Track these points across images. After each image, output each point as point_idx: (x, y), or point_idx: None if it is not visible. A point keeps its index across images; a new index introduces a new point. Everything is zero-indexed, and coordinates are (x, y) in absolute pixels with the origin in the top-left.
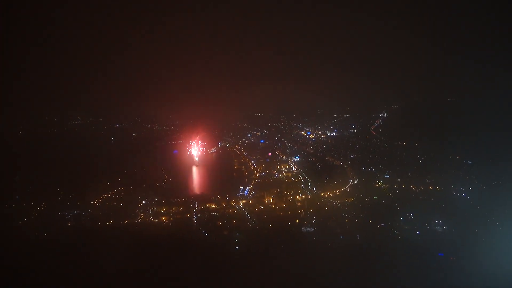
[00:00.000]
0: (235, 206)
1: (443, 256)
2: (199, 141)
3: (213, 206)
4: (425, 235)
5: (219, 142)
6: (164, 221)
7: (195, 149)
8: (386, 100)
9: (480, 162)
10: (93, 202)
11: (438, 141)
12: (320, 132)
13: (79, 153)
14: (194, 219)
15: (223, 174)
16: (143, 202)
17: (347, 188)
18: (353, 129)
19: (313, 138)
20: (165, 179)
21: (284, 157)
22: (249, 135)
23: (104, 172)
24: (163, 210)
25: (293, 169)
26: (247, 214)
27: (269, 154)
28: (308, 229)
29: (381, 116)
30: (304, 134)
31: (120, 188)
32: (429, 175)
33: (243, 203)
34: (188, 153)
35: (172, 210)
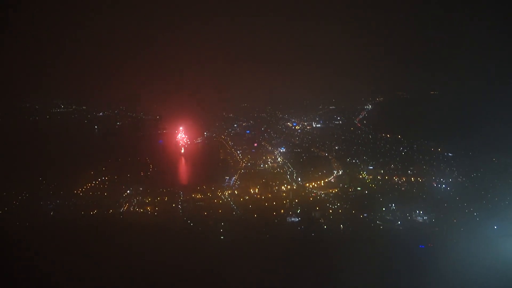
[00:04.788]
0: (220, 196)
1: (424, 248)
2: (185, 131)
3: (198, 196)
4: (406, 225)
5: (205, 132)
6: (149, 211)
7: (181, 139)
8: (371, 92)
9: (460, 154)
10: (76, 192)
11: (420, 134)
12: (306, 123)
13: (62, 141)
14: (179, 209)
15: (209, 164)
16: (128, 191)
17: (331, 179)
18: (338, 120)
19: (299, 129)
20: (150, 168)
21: (270, 148)
22: (235, 125)
23: (88, 161)
24: (148, 199)
25: (278, 159)
26: (232, 204)
27: (255, 144)
28: (292, 219)
29: (366, 108)
30: (290, 125)
31: (104, 178)
32: (411, 166)
33: (228, 193)
34: (174, 141)
35: (157, 199)
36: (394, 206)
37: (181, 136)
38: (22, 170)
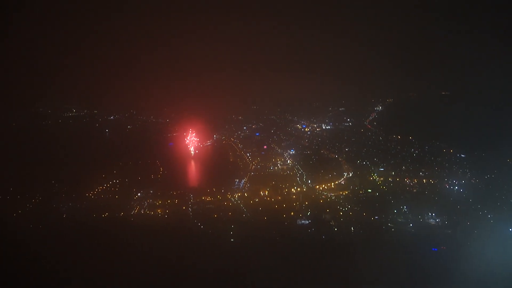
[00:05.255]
0: (230, 199)
1: (437, 251)
2: (194, 134)
3: (208, 198)
4: (418, 228)
5: (215, 134)
6: (160, 214)
7: (191, 142)
8: (381, 94)
9: (473, 155)
10: (88, 195)
11: (432, 135)
12: (315, 125)
13: (74, 145)
14: (189, 211)
15: (219, 166)
16: (139, 194)
17: (341, 181)
18: (348, 122)
19: (309, 131)
20: (161, 171)
21: (279, 150)
22: (244, 128)
23: (99, 164)
24: (158, 202)
25: (288, 162)
26: (242, 207)
27: (265, 147)
28: (303, 221)
29: (376, 109)
30: (300, 127)
31: (115, 181)
32: (422, 168)
33: (238, 195)
34: (184, 144)
35: (168, 202)
36: (406, 208)
37: (191, 139)
38: (35, 173)
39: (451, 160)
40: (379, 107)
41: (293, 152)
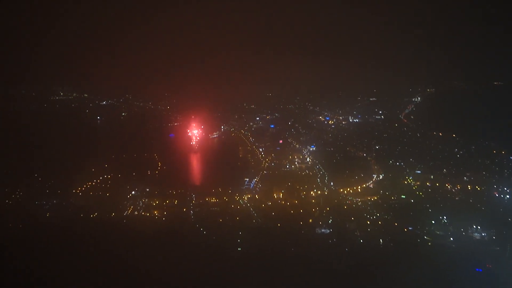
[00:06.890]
0: (238, 201)
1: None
2: (199, 124)
3: (213, 200)
4: (460, 243)
5: (222, 125)
6: (157, 216)
7: (194, 133)
8: (421, 82)
9: None
10: (75, 191)
11: (480, 133)
12: (341, 118)
13: (61, 133)
14: (191, 214)
15: (226, 163)
16: (133, 192)
17: (370, 184)
18: (380, 115)
19: (333, 124)
20: (159, 167)
21: (297, 146)
22: (257, 118)
23: (89, 156)
24: (155, 202)
25: (307, 160)
26: (252, 211)
27: (280, 141)
28: (323, 230)
29: (414, 101)
30: (322, 119)
31: (107, 176)
32: (467, 172)
33: (248, 197)
34: (186, 135)
35: (166, 203)
36: (446, 219)
37: (195, 129)
38: (16, 165)
39: (502, 163)
40: (417, 98)
41: (314, 148)
